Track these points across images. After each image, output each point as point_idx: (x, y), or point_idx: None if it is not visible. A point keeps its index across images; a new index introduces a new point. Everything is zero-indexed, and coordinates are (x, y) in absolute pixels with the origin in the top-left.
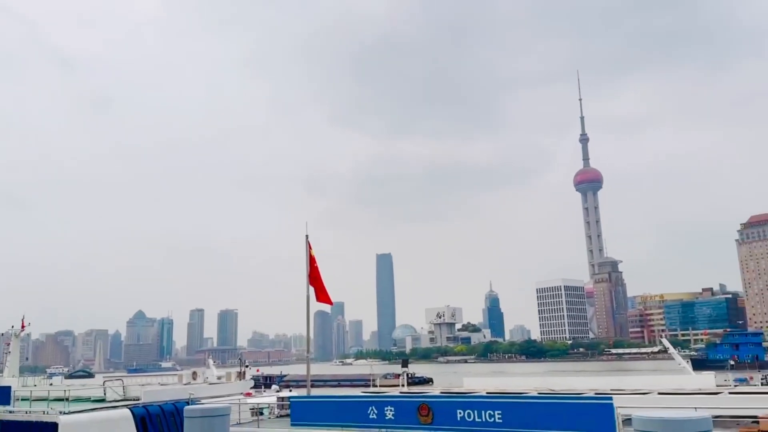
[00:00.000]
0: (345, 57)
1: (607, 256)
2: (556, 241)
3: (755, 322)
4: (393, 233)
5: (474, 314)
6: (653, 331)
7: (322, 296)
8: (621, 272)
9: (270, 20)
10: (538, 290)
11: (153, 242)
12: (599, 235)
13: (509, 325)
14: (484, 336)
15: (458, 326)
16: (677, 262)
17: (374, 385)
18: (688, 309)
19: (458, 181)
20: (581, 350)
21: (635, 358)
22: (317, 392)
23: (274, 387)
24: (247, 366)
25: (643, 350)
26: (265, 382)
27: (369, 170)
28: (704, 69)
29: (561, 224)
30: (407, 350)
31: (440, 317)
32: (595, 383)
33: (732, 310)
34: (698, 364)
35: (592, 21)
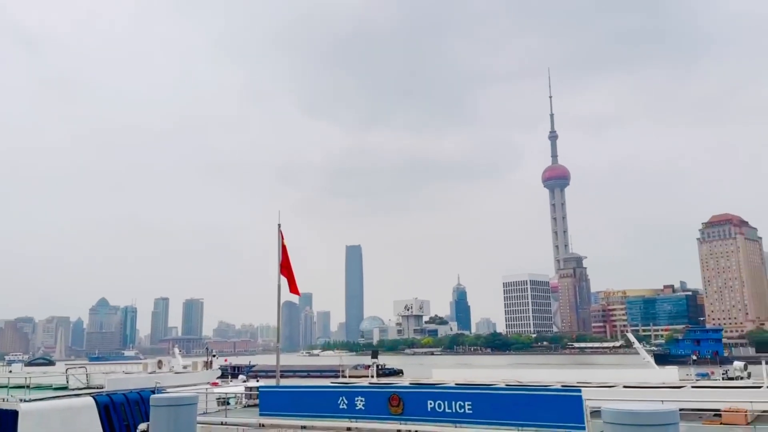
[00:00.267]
0: (319, 47)
1: (572, 252)
2: (524, 236)
3: (714, 319)
4: (363, 225)
5: (442, 307)
6: (615, 326)
7: (292, 287)
8: (585, 268)
9: (244, 7)
10: (505, 284)
11: (117, 229)
12: (565, 231)
13: (476, 318)
14: (451, 329)
15: (426, 319)
16: (640, 259)
17: (343, 376)
18: (650, 305)
19: (429, 175)
20: (545, 344)
21: (597, 352)
22: (286, 383)
23: (241, 377)
24: (215, 356)
25: (605, 345)
26: (233, 372)
27: (340, 161)
28: (670, 70)
29: (529, 220)
30: (374, 342)
31: (408, 309)
32: (562, 376)
33: (692, 307)
34: (661, 359)
35: (564, 19)
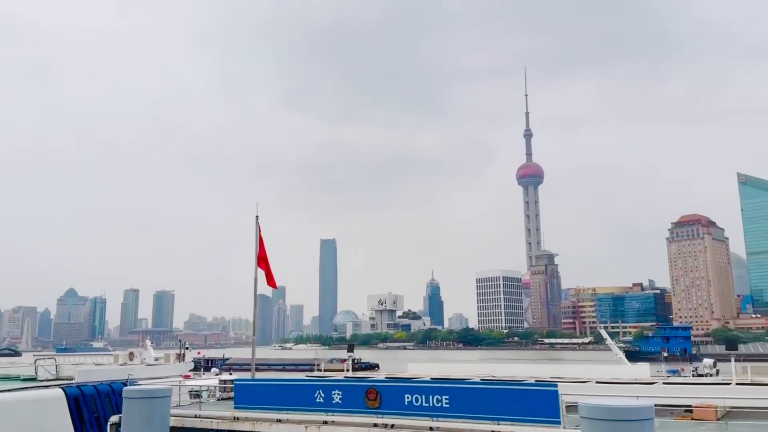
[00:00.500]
0: (299, 40)
1: (544, 249)
2: (498, 233)
3: (680, 317)
4: (338, 219)
5: (415, 302)
6: (584, 323)
7: (269, 279)
8: (557, 265)
9: None
10: (478, 280)
11: (87, 219)
12: (538, 229)
13: (449, 314)
14: (424, 323)
15: (399, 313)
16: (610, 257)
17: (319, 370)
18: (619, 302)
19: (405, 170)
20: (516, 339)
21: (566, 348)
22: (261, 376)
23: (214, 370)
24: (187, 348)
25: (574, 341)
26: (207, 365)
27: (317, 154)
28: (644, 71)
29: (503, 216)
30: (348, 336)
31: (382, 304)
32: (535, 371)
33: (659, 305)
34: (631, 356)
35: (540, 19)
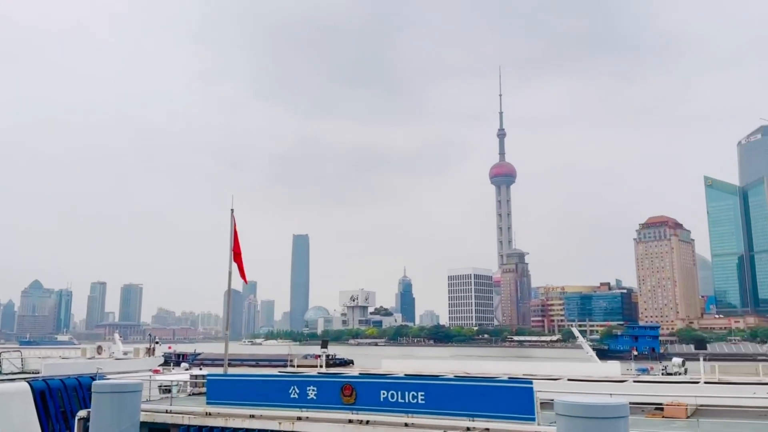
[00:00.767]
0: (274, 33)
1: (515, 248)
2: (470, 231)
3: (646, 317)
4: (311, 214)
5: (387, 298)
6: (553, 321)
7: (241, 274)
8: (527, 263)
9: None
10: (450, 277)
11: (54, 209)
12: (509, 227)
13: (420, 310)
14: (396, 320)
15: (371, 310)
16: (579, 257)
17: (292, 366)
18: (587, 301)
19: (379, 166)
20: (486, 336)
21: (535, 346)
22: (234, 372)
23: (184, 365)
24: (158, 342)
25: (543, 338)
26: (178, 360)
27: (290, 148)
28: (616, 75)
29: (475, 215)
30: (319, 332)
31: (354, 300)
32: (508, 368)
33: (626, 305)
34: (600, 354)
35: (516, 20)
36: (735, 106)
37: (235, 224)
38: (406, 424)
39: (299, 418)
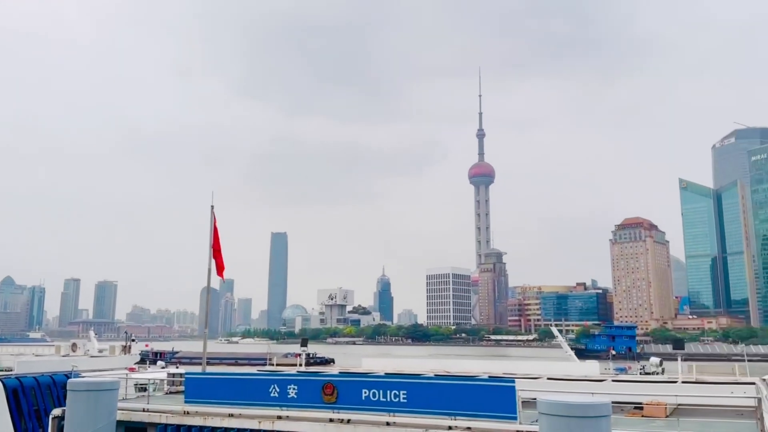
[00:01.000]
0: (255, 28)
1: (493, 248)
2: (449, 230)
3: (621, 317)
4: (290, 212)
5: (365, 297)
6: (530, 320)
7: (219, 270)
8: (505, 263)
9: None
10: (428, 277)
11: (27, 203)
12: (488, 227)
13: (398, 309)
14: (374, 319)
15: (349, 308)
16: (556, 257)
17: (271, 364)
18: (563, 301)
19: (358, 165)
20: (463, 335)
21: (512, 345)
22: (212, 370)
23: (160, 363)
24: (134, 340)
25: (519, 338)
26: (155, 358)
27: (269, 146)
28: (594, 78)
29: (454, 214)
30: (296, 330)
31: (332, 299)
32: (488, 367)
33: (601, 305)
34: (578, 354)
35: (496, 21)
36: (710, 110)
37: (215, 221)
38: (388, 423)
39: (279, 417)
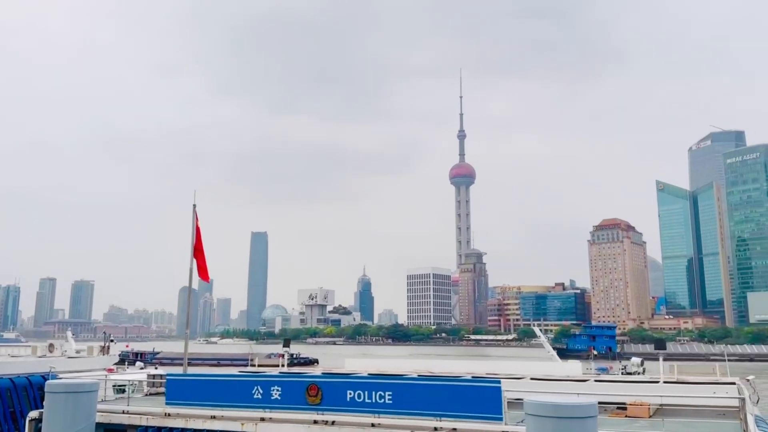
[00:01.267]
0: (235, 27)
1: (474, 248)
2: (430, 231)
3: (599, 317)
4: (271, 212)
5: (346, 297)
6: (509, 320)
7: (202, 272)
8: (485, 263)
9: None
10: (409, 277)
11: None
12: (468, 228)
13: (379, 309)
14: (355, 319)
15: (330, 308)
16: (535, 257)
17: (253, 365)
18: (542, 301)
19: (339, 165)
20: (444, 335)
21: (491, 345)
22: (193, 371)
23: (139, 364)
24: (113, 341)
25: (499, 337)
26: (135, 359)
27: (249, 145)
28: (574, 80)
29: (435, 215)
30: (276, 331)
31: (313, 299)
32: (471, 367)
33: (579, 305)
34: (558, 354)
35: (478, 23)
36: (687, 112)
37: (198, 220)
38: (373, 425)
39: (263, 419)
